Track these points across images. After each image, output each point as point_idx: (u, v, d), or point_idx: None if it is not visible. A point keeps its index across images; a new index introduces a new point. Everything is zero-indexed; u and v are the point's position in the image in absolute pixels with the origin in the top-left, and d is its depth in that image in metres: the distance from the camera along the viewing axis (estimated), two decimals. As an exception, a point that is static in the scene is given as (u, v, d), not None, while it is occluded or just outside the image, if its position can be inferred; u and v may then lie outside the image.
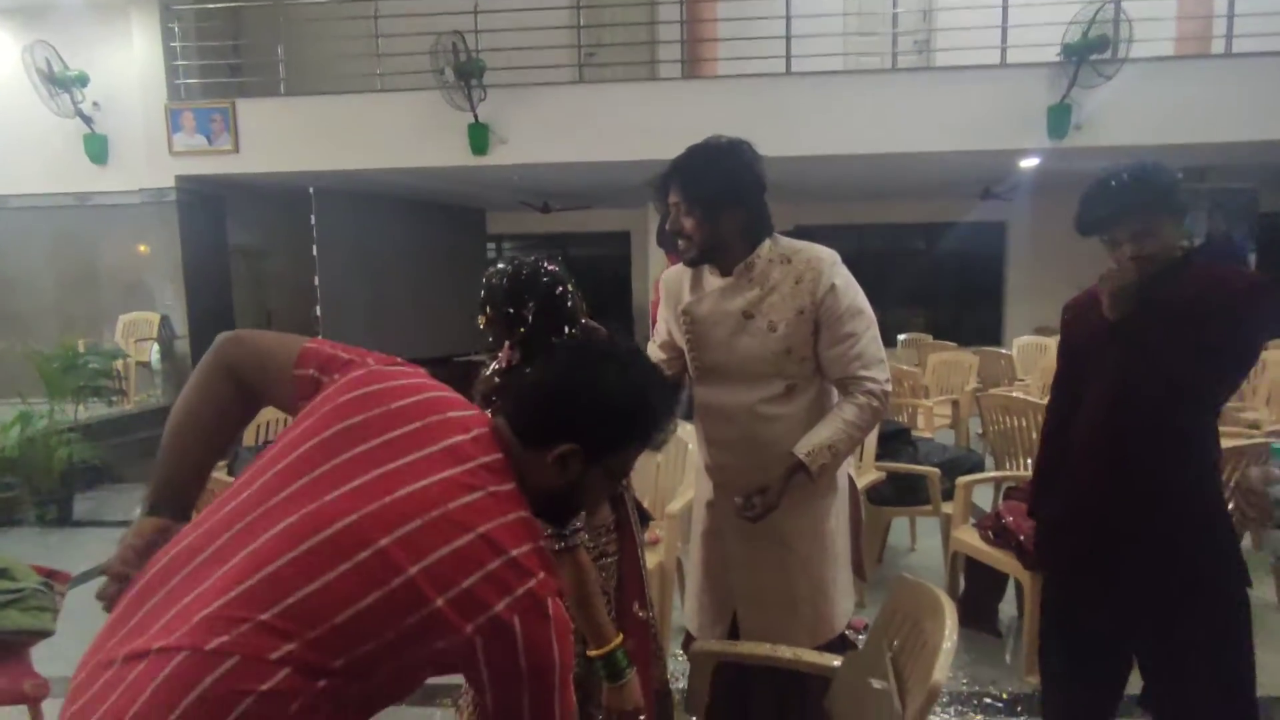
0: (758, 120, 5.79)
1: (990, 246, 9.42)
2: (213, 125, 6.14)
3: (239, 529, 0.83)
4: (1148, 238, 1.45)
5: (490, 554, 0.81)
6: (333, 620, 0.76)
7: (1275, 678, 2.50)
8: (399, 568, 0.78)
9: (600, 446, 0.94)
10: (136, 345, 6.35)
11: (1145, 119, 5.64)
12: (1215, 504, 1.54)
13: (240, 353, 0.99)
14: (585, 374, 0.94)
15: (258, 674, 0.74)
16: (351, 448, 0.86)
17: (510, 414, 0.95)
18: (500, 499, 0.86)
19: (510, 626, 0.80)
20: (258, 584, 0.77)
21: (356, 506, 0.81)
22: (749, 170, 1.57)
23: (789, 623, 1.69)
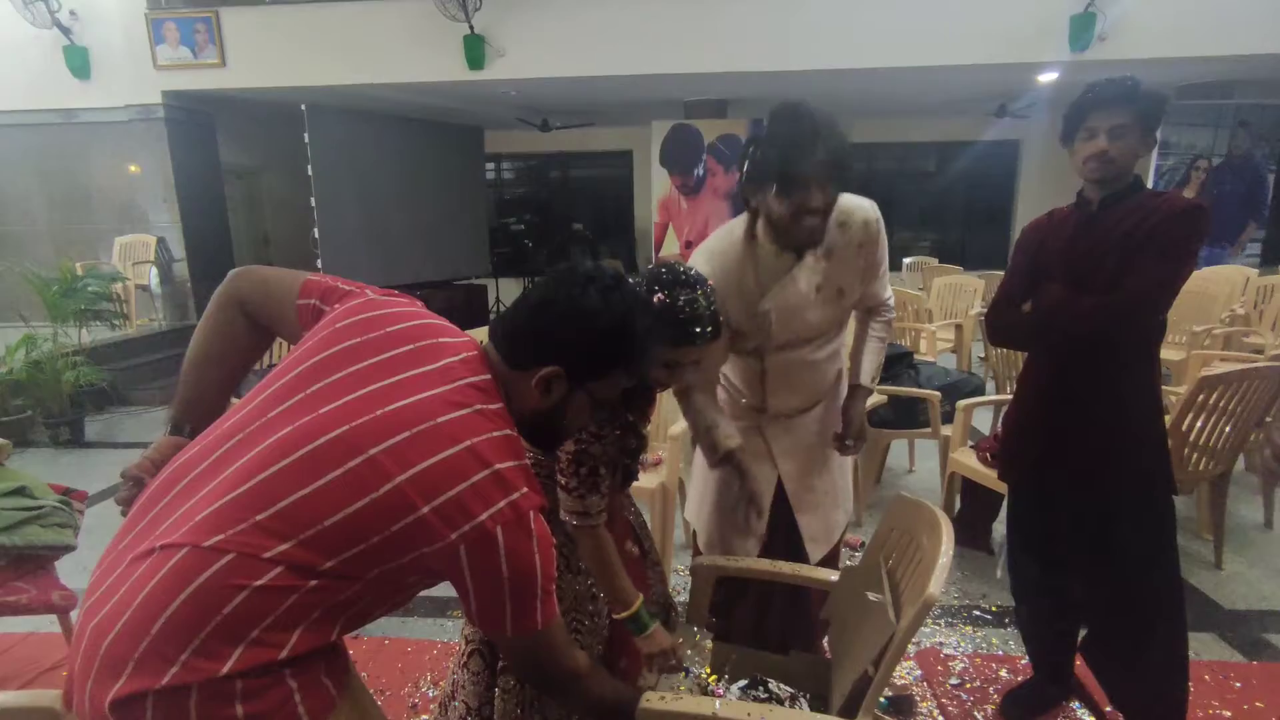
0: (764, 31, 5.54)
1: (1002, 167, 9.16)
2: (197, 36, 5.87)
3: (238, 440, 0.87)
4: (1121, 138, 1.53)
5: (476, 466, 0.85)
6: (323, 523, 0.81)
7: (1257, 589, 2.61)
8: (388, 475, 0.82)
9: (582, 369, 0.96)
10: (134, 268, 6.30)
11: (1173, 29, 5.36)
12: (1150, 415, 1.65)
13: (248, 286, 1.05)
14: (567, 294, 0.95)
15: (252, 570, 0.79)
16: (346, 366, 0.90)
17: (497, 336, 0.98)
18: (487, 416, 0.89)
19: (493, 535, 0.84)
20: (254, 488, 0.82)
21: (349, 419, 0.85)
22: None
23: (836, 514, 1.88)
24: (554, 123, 8.53)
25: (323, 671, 0.86)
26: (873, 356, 1.81)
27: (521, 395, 0.96)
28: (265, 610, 0.80)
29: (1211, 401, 2.47)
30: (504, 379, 0.95)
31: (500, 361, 0.97)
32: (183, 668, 0.77)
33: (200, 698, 0.77)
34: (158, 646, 0.77)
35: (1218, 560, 2.74)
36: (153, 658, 0.77)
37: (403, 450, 0.83)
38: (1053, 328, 1.65)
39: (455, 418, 0.87)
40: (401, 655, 2.30)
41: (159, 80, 6.02)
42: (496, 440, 0.88)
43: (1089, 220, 1.62)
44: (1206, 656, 2.21)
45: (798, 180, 1.42)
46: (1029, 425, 1.78)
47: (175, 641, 0.77)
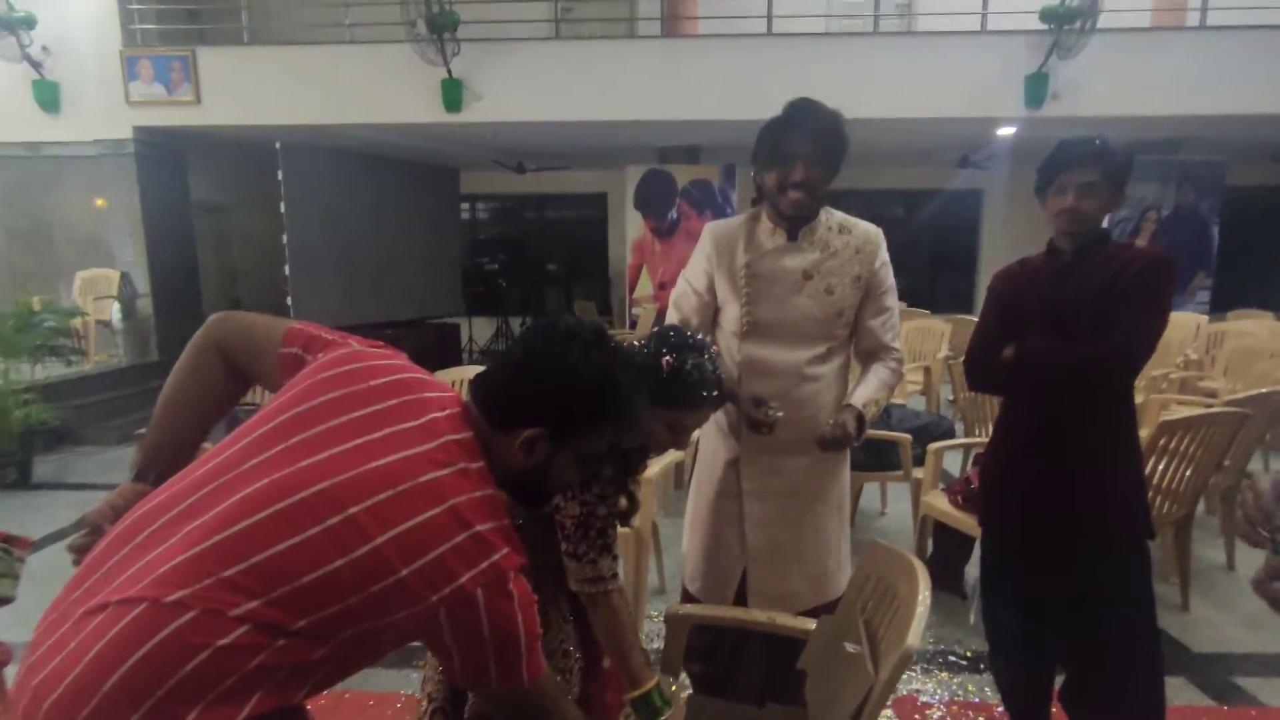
0: (736, 82, 5.71)
1: (966, 215, 9.48)
2: (172, 74, 5.86)
3: (209, 490, 0.84)
4: (1090, 196, 1.58)
5: (457, 527, 0.83)
6: (298, 581, 0.78)
7: (1224, 633, 2.64)
8: (368, 535, 0.80)
9: (566, 429, 0.95)
10: (96, 303, 6.14)
11: (1120, 90, 5.67)
12: (1128, 463, 1.69)
13: (228, 331, 1.03)
14: (548, 354, 0.94)
15: (215, 628, 0.75)
16: (328, 420, 0.88)
17: (477, 396, 0.96)
18: (469, 475, 0.88)
19: (473, 597, 0.83)
20: (224, 541, 0.79)
21: (330, 474, 0.83)
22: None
23: (796, 579, 1.76)
24: (529, 165, 8.64)
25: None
26: (871, 385, 1.72)
27: (504, 454, 0.94)
28: (226, 671, 0.76)
29: (1172, 446, 2.53)
30: (486, 437, 0.94)
31: (482, 419, 0.95)
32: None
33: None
34: (106, 707, 0.73)
35: (1185, 603, 2.78)
36: (101, 718, 0.73)
37: (384, 509, 0.81)
38: (1042, 375, 1.66)
39: (437, 477, 0.85)
40: (363, 709, 2.21)
41: (131, 116, 5.98)
42: (478, 500, 0.87)
43: (1064, 270, 1.66)
44: (1178, 701, 2.21)
45: (784, 153, 1.57)
46: (1008, 472, 1.78)
47: (126, 703, 0.73)
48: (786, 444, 1.71)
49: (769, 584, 1.76)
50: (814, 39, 5.95)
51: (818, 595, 1.76)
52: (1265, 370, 4.21)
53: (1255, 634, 2.62)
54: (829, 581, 1.78)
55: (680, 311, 1.80)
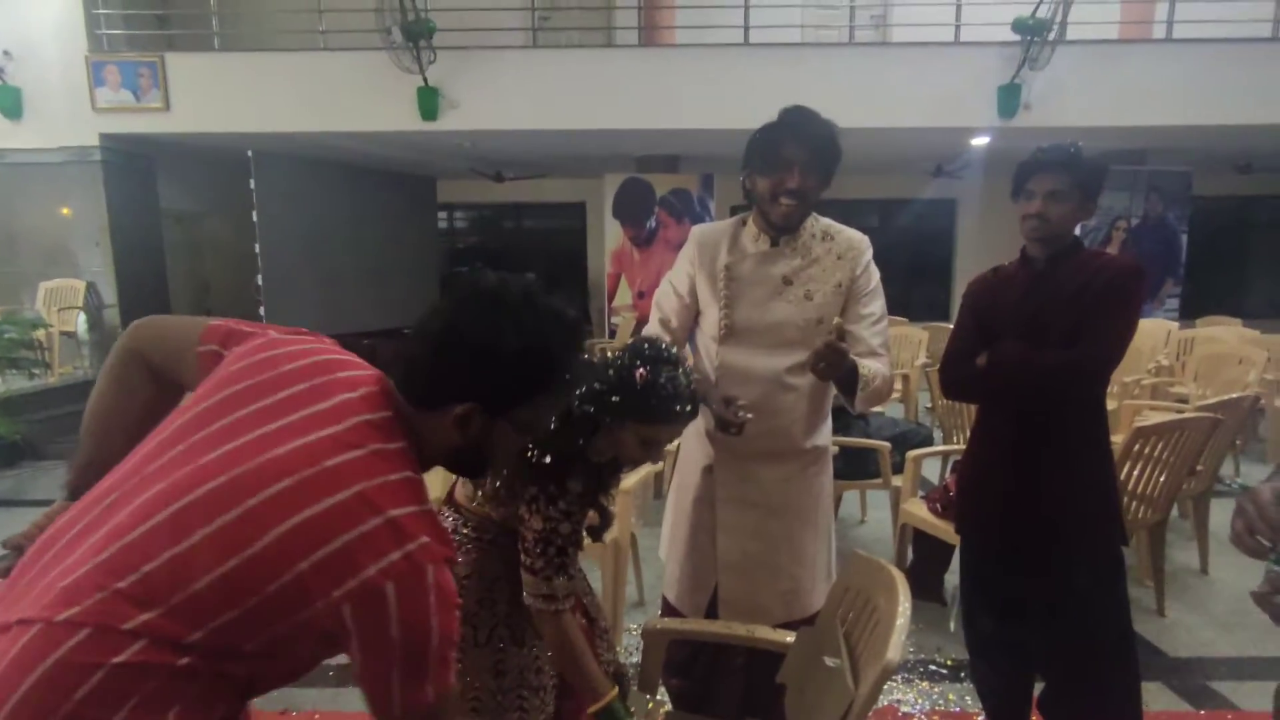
0: (714, 92, 5.73)
1: (941, 223, 9.60)
2: (140, 80, 5.75)
3: (112, 499, 0.79)
4: (1056, 201, 1.59)
5: (366, 513, 0.76)
6: (192, 587, 0.72)
7: (1198, 636, 2.66)
8: (265, 528, 0.74)
9: (500, 401, 0.87)
10: (60, 314, 5.98)
11: (1090, 100, 5.77)
12: (1101, 469, 1.69)
13: (146, 335, 0.99)
14: (470, 328, 0.85)
15: (110, 646, 0.70)
16: (232, 412, 0.82)
17: (399, 374, 0.89)
18: (384, 457, 0.81)
19: (382, 592, 0.74)
20: (118, 552, 0.74)
21: (228, 468, 0.77)
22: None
23: (766, 592, 1.72)
24: (507, 173, 8.60)
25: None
26: (867, 363, 1.63)
27: (435, 433, 0.87)
28: (127, 691, 0.70)
29: (1146, 451, 2.55)
30: (409, 416, 0.87)
31: (404, 398, 0.88)
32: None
33: None
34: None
35: (1160, 607, 2.80)
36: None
37: (283, 500, 0.75)
38: (1016, 382, 1.67)
39: (345, 460, 0.78)
40: (333, 732, 2.14)
41: (97, 123, 5.85)
42: (393, 484, 0.79)
43: (1037, 278, 1.67)
44: (1154, 706, 2.22)
45: (780, 159, 1.57)
46: (984, 479, 1.79)
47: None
48: (762, 453, 1.69)
49: (737, 595, 1.73)
50: (790, 49, 6.00)
51: (787, 611, 1.72)
52: (1234, 376, 4.29)
53: (1229, 637, 2.64)
54: (801, 598, 1.74)
55: (661, 311, 1.78)
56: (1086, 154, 1.62)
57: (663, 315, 1.78)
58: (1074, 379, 1.61)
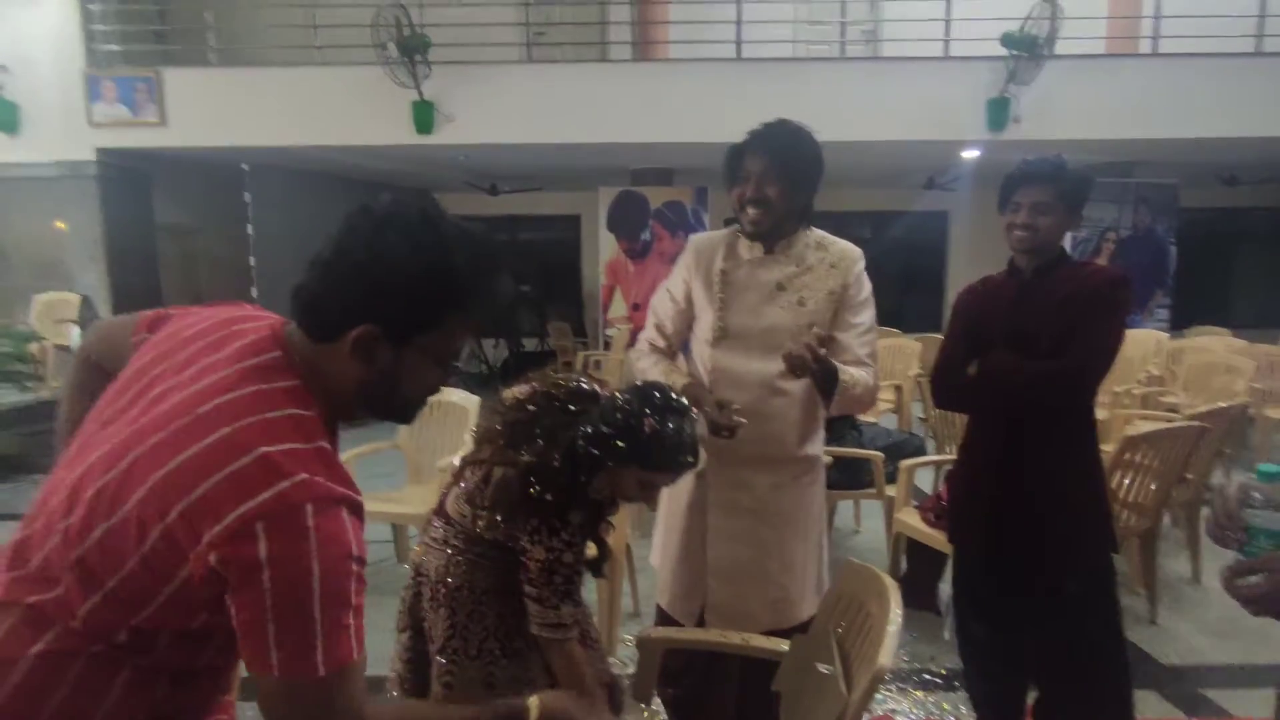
0: (707, 105, 5.79)
1: (933, 235, 9.68)
2: (137, 95, 5.78)
3: (46, 493, 0.81)
4: (1042, 213, 1.62)
5: (234, 453, 0.70)
6: (74, 553, 0.72)
7: (1191, 644, 2.67)
8: (136, 484, 0.71)
9: (400, 324, 0.79)
10: (55, 327, 5.97)
11: (1078, 114, 5.85)
12: (1090, 478, 1.71)
13: (96, 339, 1.01)
14: (361, 244, 0.79)
15: (29, 634, 0.72)
16: (132, 386, 0.82)
17: (294, 310, 0.84)
18: (264, 396, 0.76)
19: (249, 532, 0.67)
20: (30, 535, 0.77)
21: (116, 437, 0.77)
22: (821, 160, 1.68)
23: (753, 599, 1.73)
24: (502, 187, 8.65)
25: None
26: (852, 370, 1.65)
27: (340, 368, 0.80)
28: (53, 682, 0.72)
29: (1136, 460, 2.57)
30: (309, 355, 0.81)
31: (303, 336, 0.82)
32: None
33: None
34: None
35: (1152, 615, 2.81)
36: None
37: (155, 453, 0.71)
38: (1005, 392, 1.69)
39: (217, 404, 0.73)
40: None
41: (93, 137, 5.87)
42: (272, 421, 0.73)
43: (1024, 288, 1.70)
44: (1147, 714, 2.22)
45: (739, 172, 1.63)
46: (975, 488, 1.80)
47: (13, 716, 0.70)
48: (754, 459, 1.71)
49: (725, 601, 1.74)
50: (782, 64, 6.07)
51: (775, 619, 1.72)
52: (1223, 384, 4.33)
53: (1222, 644, 2.66)
54: (789, 606, 1.74)
55: (656, 316, 1.83)
56: (1072, 166, 1.65)
57: (658, 320, 1.82)
58: (1062, 388, 1.63)
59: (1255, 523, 0.95)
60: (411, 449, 3.33)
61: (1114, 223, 7.33)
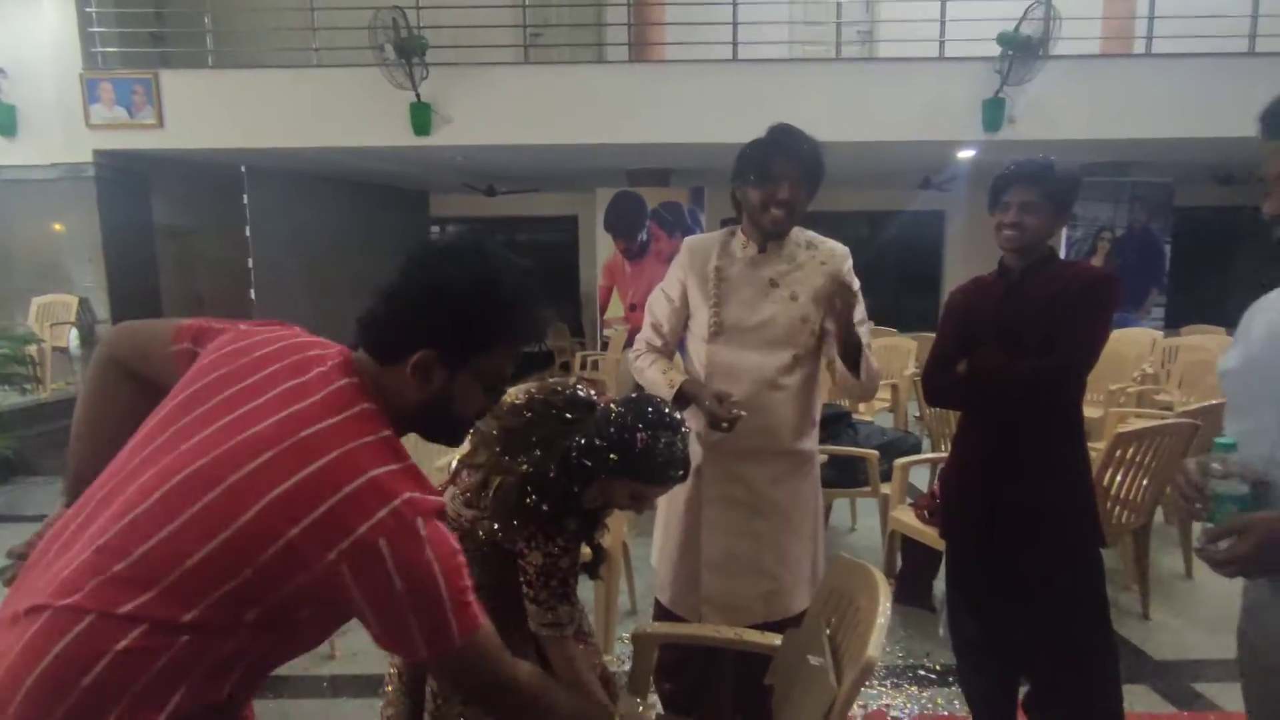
0: (704, 106, 5.81)
1: (929, 235, 9.70)
2: (134, 97, 5.79)
3: (104, 494, 0.83)
4: (1030, 212, 1.64)
5: (348, 476, 0.78)
6: (184, 565, 0.75)
7: (1182, 639, 2.69)
8: (249, 502, 0.76)
9: (456, 348, 0.88)
10: (53, 330, 5.98)
11: (1074, 114, 5.88)
12: (1078, 474, 1.73)
13: (122, 341, 1.01)
14: (419, 273, 0.89)
15: (113, 631, 0.74)
16: (210, 399, 0.85)
17: (362, 336, 0.92)
18: (359, 420, 0.83)
19: (376, 548, 0.77)
20: (112, 539, 0.77)
21: (209, 450, 0.80)
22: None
23: (749, 592, 1.76)
24: (499, 188, 8.66)
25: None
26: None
27: (401, 391, 0.88)
28: (134, 673, 0.74)
29: (1128, 457, 2.60)
30: (377, 378, 0.89)
31: (370, 361, 0.90)
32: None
33: None
34: (24, 714, 0.72)
35: (1145, 611, 2.83)
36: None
37: (264, 473, 0.77)
38: (992, 389, 1.71)
39: (321, 429, 0.81)
40: (327, 743, 2.15)
41: (91, 139, 5.88)
42: (369, 445, 0.82)
43: (1013, 288, 1.72)
44: (1139, 708, 2.25)
45: (771, 172, 1.66)
46: (967, 484, 1.83)
47: (40, 711, 0.72)
48: (750, 453, 1.74)
49: (720, 594, 1.77)
50: (778, 65, 6.09)
51: (768, 611, 1.76)
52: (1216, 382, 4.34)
53: (1213, 639, 2.68)
54: (782, 598, 1.78)
55: (653, 316, 1.87)
56: (1060, 167, 1.68)
57: (655, 320, 1.85)
58: (1049, 385, 1.65)
59: (1218, 490, 1.03)
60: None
61: (1109, 222, 7.37)
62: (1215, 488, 1.03)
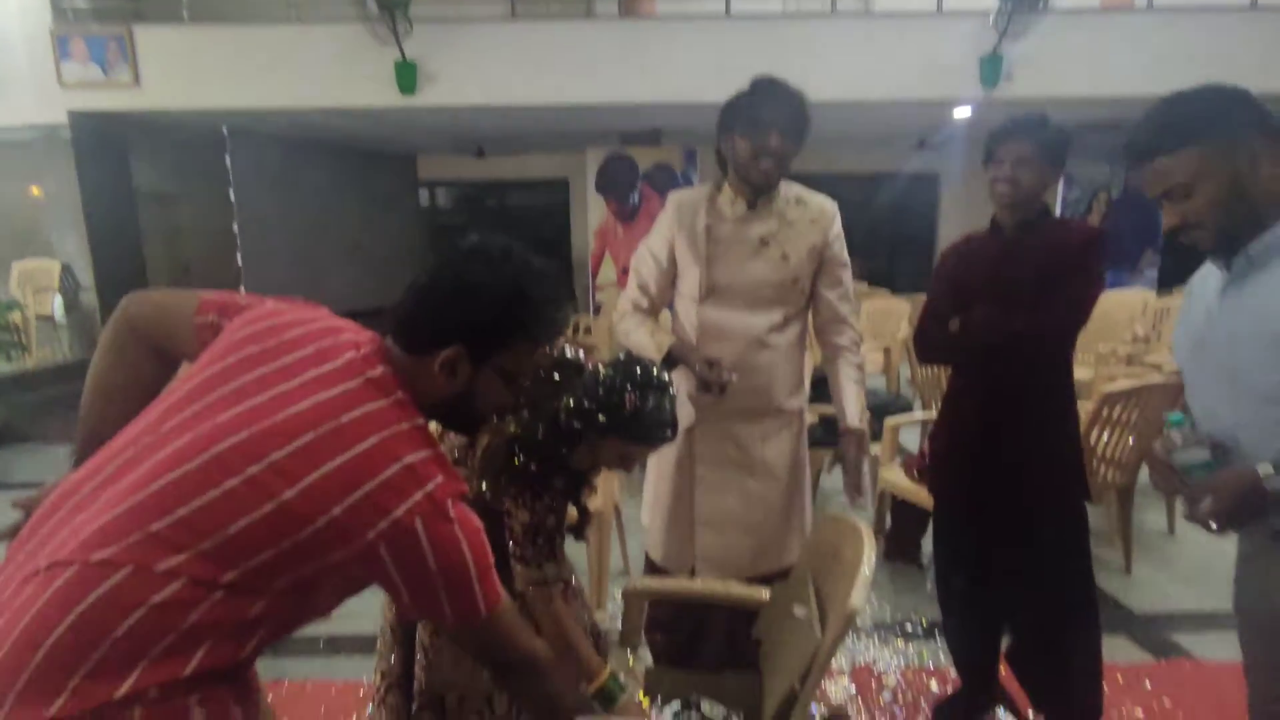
0: (696, 63, 5.69)
1: (924, 197, 9.62)
2: (108, 54, 5.62)
3: (129, 456, 0.84)
4: (1024, 167, 1.63)
5: (385, 461, 0.83)
6: (225, 531, 0.78)
7: (1163, 592, 2.75)
8: (293, 479, 0.80)
9: (482, 345, 0.93)
10: (36, 296, 5.90)
11: (1071, 70, 5.79)
12: (1067, 431, 1.74)
13: (142, 310, 1.03)
14: (452, 272, 0.93)
15: (148, 585, 0.76)
16: (245, 374, 0.88)
17: (393, 328, 0.96)
18: (392, 409, 0.88)
19: (412, 529, 0.82)
20: (149, 498, 0.79)
21: (249, 424, 0.83)
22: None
23: (742, 547, 1.80)
24: (489, 149, 8.52)
25: (232, 699, 0.83)
26: (854, 396, 1.81)
27: (427, 383, 0.93)
28: (165, 628, 0.76)
29: (1114, 416, 2.61)
30: (406, 369, 0.93)
31: (400, 352, 0.94)
32: (73, 695, 0.72)
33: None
34: (44, 674, 0.72)
35: (1127, 566, 2.89)
36: (38, 687, 0.72)
37: (307, 453, 0.81)
38: (985, 346, 1.71)
39: (359, 415, 0.85)
40: (325, 698, 2.18)
41: (65, 99, 5.72)
42: (404, 432, 0.87)
43: (1006, 246, 1.71)
44: (1119, 658, 2.30)
45: (760, 122, 1.63)
46: (955, 442, 1.84)
47: (64, 666, 0.73)
48: (740, 412, 1.75)
49: (715, 550, 1.80)
50: (773, 20, 5.95)
51: (756, 564, 1.80)
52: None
53: (1191, 592, 2.74)
54: (776, 552, 1.81)
55: (639, 277, 1.84)
56: (1060, 122, 1.65)
57: (641, 280, 1.83)
58: (1041, 341, 1.65)
59: (1182, 460, 1.11)
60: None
61: (1106, 181, 7.32)
62: (1180, 459, 1.11)
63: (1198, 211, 1.11)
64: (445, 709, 1.33)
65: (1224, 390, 1.13)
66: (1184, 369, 1.25)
